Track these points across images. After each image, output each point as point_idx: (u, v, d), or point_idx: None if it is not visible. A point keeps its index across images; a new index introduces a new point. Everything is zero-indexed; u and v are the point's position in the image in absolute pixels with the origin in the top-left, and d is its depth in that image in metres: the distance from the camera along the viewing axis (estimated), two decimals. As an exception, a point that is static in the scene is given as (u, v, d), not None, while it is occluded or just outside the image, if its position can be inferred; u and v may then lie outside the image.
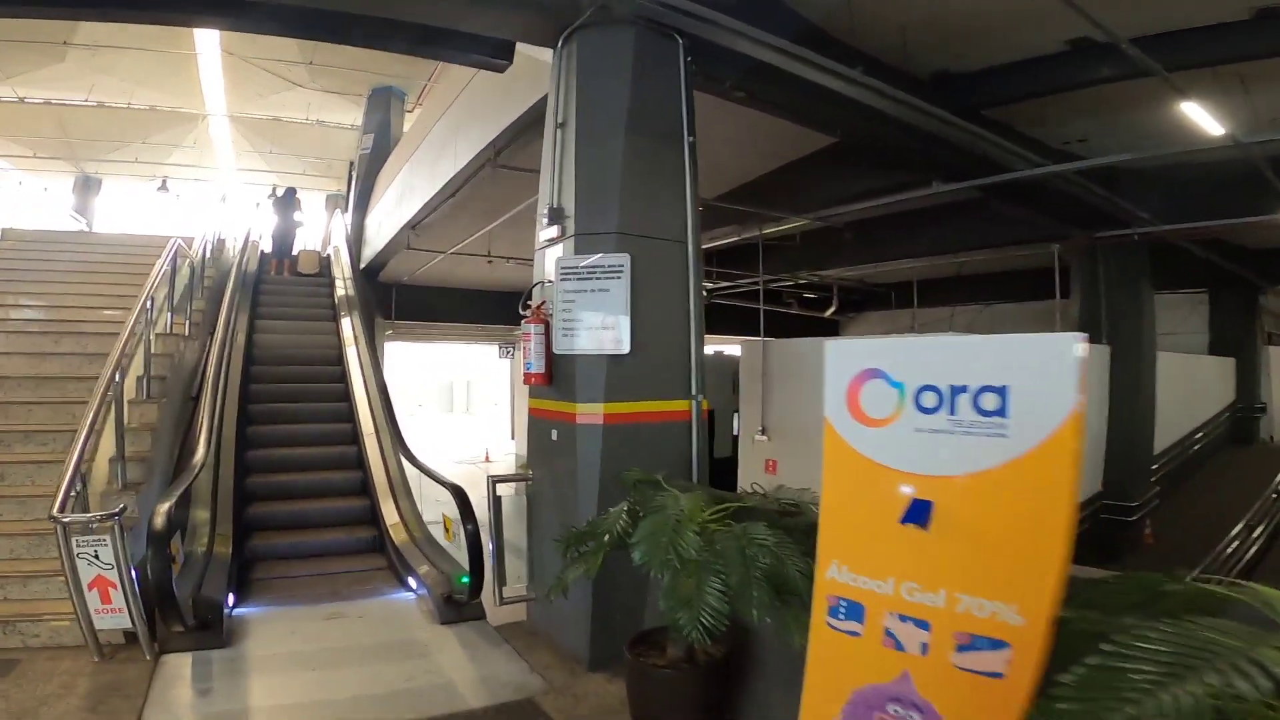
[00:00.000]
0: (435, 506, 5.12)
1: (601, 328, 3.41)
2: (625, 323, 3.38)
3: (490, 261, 11.21)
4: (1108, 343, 7.69)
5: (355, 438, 6.54)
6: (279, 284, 10.12)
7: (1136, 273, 7.71)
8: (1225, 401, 11.99)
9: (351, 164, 12.63)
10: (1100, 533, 7.24)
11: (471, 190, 6.86)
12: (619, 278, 3.39)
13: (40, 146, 13.87)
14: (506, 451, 16.98)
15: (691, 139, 3.67)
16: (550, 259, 3.68)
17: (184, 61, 11.38)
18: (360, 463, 6.20)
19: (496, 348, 18.76)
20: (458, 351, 25.82)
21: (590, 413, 3.42)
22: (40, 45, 10.23)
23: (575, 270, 3.48)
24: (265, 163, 15.60)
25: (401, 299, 12.51)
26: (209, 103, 13.08)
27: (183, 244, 6.92)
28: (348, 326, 8.11)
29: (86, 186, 15.87)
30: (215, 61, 11.49)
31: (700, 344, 3.64)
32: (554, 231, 3.62)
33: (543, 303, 3.66)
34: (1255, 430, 12.76)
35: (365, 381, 6.91)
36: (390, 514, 5.55)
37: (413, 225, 8.58)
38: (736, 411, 7.15)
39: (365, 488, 5.96)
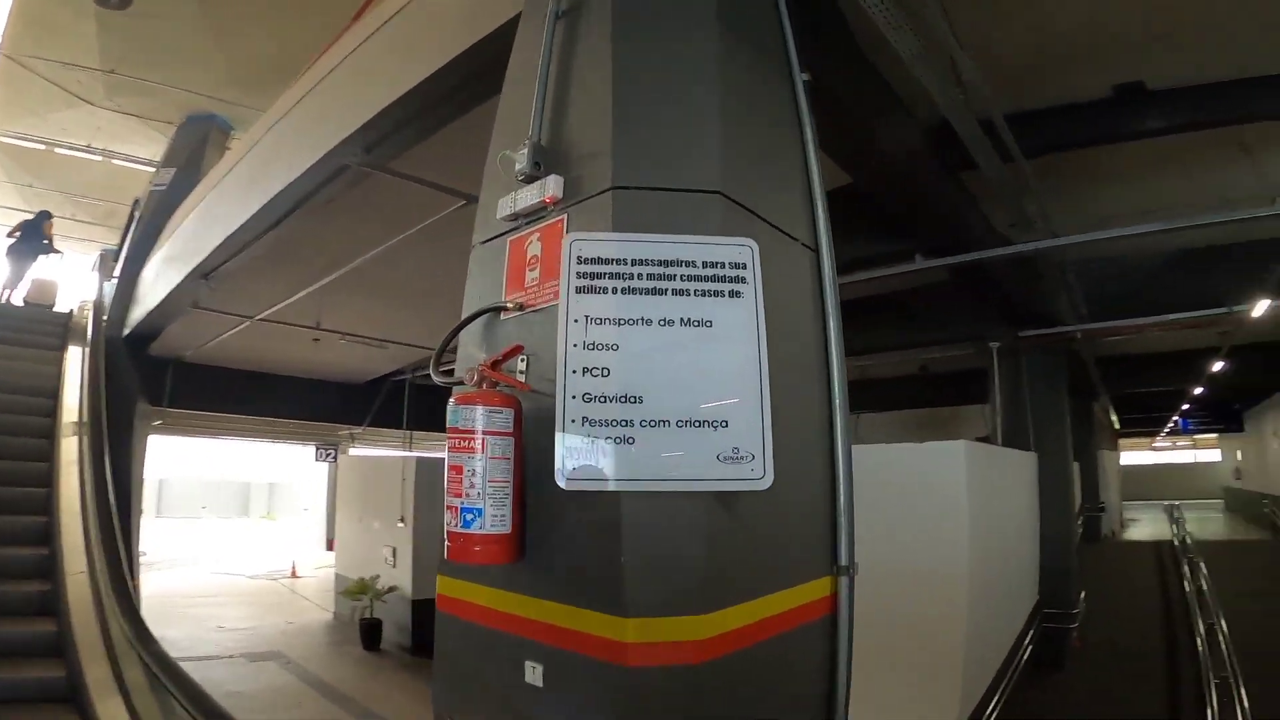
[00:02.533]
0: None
1: (697, 422, 1.39)
2: (760, 406, 1.42)
3: (318, 339, 8.78)
4: (1035, 448, 7.26)
5: (53, 571, 3.92)
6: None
7: (1057, 374, 7.48)
8: (1077, 503, 12.71)
9: (136, 201, 9.62)
10: (1043, 643, 6.74)
11: (309, 219, 4.75)
12: (737, 295, 1.45)
13: None
14: (319, 564, 14.24)
15: (806, 77, 2.10)
16: (522, 257, 1.74)
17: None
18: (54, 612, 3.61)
19: (314, 449, 15.34)
20: (260, 448, 21.62)
21: (670, 638, 1.35)
22: None
23: (622, 269, 1.46)
24: (23, 199, 11.97)
25: (180, 380, 9.36)
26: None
27: None
28: (71, 398, 5.28)
29: None
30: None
31: (849, 458, 1.80)
32: (541, 192, 1.67)
33: (504, 356, 1.64)
34: (1099, 528, 14.45)
35: (86, 490, 4.25)
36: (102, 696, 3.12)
37: (206, 273, 6.10)
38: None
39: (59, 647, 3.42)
